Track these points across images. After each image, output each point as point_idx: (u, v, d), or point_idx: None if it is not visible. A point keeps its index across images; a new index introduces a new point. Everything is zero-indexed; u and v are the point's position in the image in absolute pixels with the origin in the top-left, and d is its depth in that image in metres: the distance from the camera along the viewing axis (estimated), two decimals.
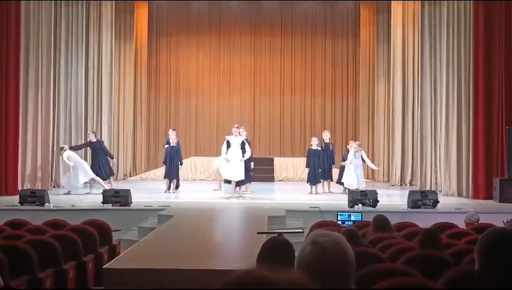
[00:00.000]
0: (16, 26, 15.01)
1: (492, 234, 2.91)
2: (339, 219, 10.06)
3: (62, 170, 16.94)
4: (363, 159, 15.59)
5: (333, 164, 15.99)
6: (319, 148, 15.58)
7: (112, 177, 16.07)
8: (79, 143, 16.85)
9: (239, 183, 14.74)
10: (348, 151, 15.79)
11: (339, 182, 15.84)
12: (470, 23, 14.98)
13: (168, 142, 15.59)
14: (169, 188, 15.38)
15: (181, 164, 15.63)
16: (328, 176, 15.89)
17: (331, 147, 15.97)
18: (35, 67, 15.73)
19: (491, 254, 2.82)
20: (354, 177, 15.21)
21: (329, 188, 15.99)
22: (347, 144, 16.90)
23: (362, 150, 15.84)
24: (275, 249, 3.58)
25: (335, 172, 16.20)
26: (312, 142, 15.77)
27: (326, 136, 16.02)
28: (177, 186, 15.66)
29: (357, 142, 16.18)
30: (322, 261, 2.28)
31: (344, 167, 15.59)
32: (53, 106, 16.74)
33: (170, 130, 15.94)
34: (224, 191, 15.07)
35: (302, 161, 16.55)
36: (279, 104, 21.49)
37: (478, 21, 14.68)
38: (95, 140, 15.94)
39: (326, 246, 2.31)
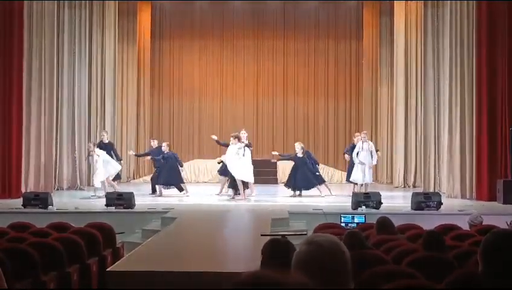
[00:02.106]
0: (19, 28, 15.04)
1: (496, 236, 2.91)
2: (342, 221, 10.04)
3: (69, 171, 17.16)
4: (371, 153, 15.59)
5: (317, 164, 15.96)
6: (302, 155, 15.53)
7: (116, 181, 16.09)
8: (83, 146, 16.91)
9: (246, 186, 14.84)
10: (353, 145, 15.82)
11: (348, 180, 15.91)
12: (472, 25, 14.94)
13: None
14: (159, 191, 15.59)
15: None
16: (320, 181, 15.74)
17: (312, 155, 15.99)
18: (39, 70, 15.74)
19: (495, 256, 2.82)
20: (359, 172, 15.27)
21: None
22: (353, 137, 16.81)
23: (370, 142, 15.79)
24: (276, 251, 3.59)
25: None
26: (296, 149, 15.65)
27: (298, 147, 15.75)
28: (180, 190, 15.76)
29: (364, 132, 16.08)
30: (320, 259, 2.27)
31: (353, 164, 15.61)
32: (56, 109, 16.76)
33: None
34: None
35: None
36: (282, 106, 21.50)
37: (481, 22, 14.64)
38: (106, 141, 15.98)
39: (323, 244, 2.31)
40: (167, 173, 15.38)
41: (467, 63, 15.02)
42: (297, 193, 15.48)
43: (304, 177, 15.35)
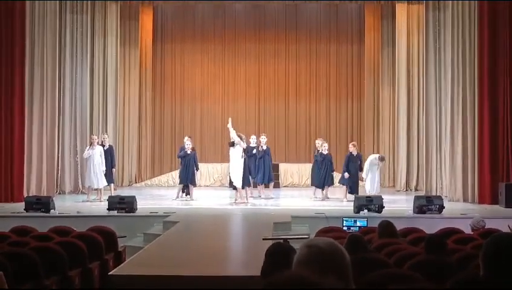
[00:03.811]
0: (21, 29, 15.04)
1: (497, 239, 2.91)
2: (344, 224, 10.04)
3: (71, 175, 17.16)
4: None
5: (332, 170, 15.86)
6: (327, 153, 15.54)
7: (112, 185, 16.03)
8: (84, 149, 16.87)
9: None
10: (350, 154, 15.68)
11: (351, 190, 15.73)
12: (474, 27, 14.91)
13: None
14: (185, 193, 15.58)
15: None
16: (330, 182, 15.72)
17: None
18: (41, 74, 15.76)
19: (496, 259, 2.81)
20: (368, 181, 15.23)
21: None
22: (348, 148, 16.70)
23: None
24: (278, 255, 3.59)
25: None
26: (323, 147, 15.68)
27: (325, 146, 15.77)
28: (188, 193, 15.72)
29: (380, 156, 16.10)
30: (320, 260, 2.28)
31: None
32: (58, 113, 16.76)
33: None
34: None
35: (308, 166, 16.43)
36: (284, 109, 21.47)
37: (483, 22, 14.62)
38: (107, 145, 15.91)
39: (322, 246, 2.33)
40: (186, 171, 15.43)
41: (469, 65, 15.00)
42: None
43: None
